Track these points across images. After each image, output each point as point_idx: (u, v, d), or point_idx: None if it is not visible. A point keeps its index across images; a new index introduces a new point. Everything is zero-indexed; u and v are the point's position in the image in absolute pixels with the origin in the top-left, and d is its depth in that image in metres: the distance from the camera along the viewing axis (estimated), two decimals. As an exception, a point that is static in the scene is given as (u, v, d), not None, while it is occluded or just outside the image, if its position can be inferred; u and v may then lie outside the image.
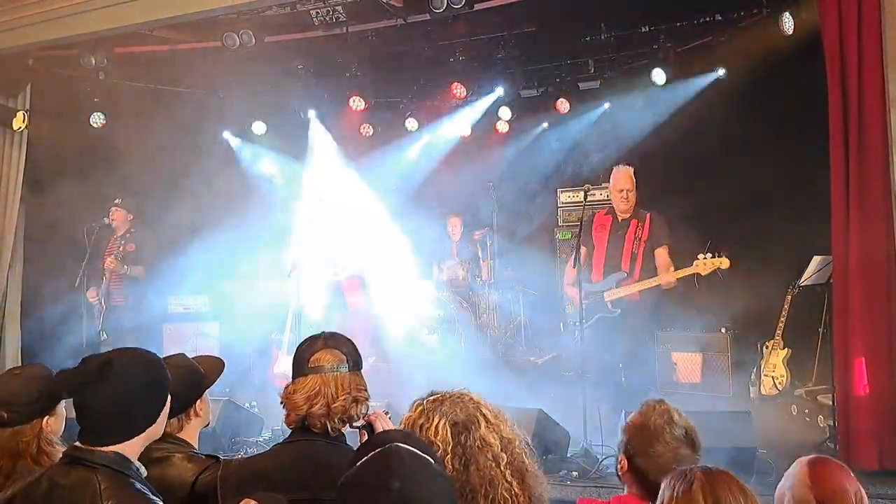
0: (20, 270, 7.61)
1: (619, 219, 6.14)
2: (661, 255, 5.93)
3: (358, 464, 1.50)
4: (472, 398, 2.06)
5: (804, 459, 2.13)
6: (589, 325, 6.13)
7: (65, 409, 2.71)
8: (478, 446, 1.94)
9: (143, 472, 2.14)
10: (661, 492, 1.73)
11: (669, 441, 2.20)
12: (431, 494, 1.43)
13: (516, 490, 1.90)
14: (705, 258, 5.60)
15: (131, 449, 2.10)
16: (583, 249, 6.08)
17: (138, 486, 2.03)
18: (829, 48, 4.81)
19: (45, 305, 7.35)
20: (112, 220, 7.43)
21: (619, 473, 2.40)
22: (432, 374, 6.80)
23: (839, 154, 4.77)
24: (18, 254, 7.54)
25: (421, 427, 2.01)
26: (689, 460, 2.20)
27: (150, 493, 2.06)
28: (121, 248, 7.36)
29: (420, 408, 2.06)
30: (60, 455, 2.46)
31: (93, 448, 2.05)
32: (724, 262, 5.56)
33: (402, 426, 2.06)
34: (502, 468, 1.91)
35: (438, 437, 1.96)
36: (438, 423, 1.98)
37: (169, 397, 2.24)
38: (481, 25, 7.53)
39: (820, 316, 6.30)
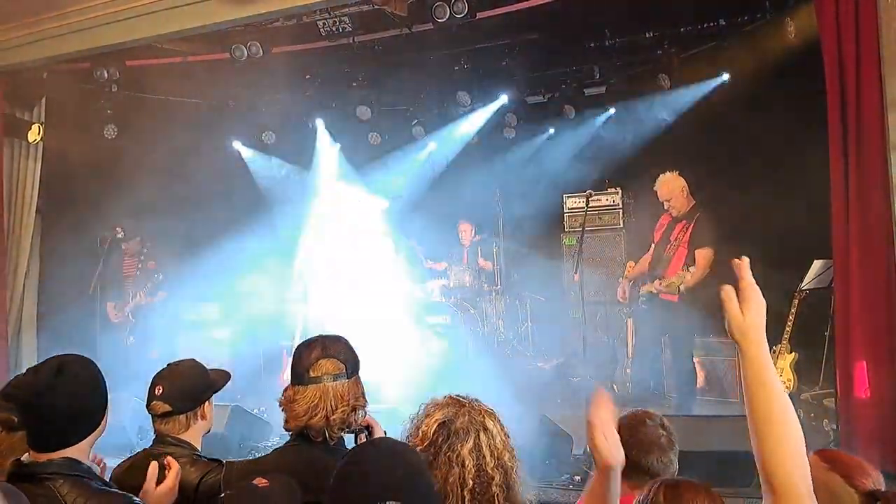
0: (36, 278, 7.78)
1: (674, 216, 6.29)
2: (700, 255, 6.02)
3: None
4: (486, 419, 2.03)
5: (810, 453, 2.22)
6: (627, 311, 6.62)
7: None
8: (448, 457, 1.94)
9: (96, 469, 2.22)
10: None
11: (650, 425, 2.51)
12: (391, 469, 1.61)
13: None
14: (680, 271, 5.74)
15: (81, 451, 2.16)
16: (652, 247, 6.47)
17: (95, 484, 2.09)
18: (828, 53, 4.85)
19: (60, 312, 7.48)
20: (125, 251, 7.68)
21: None
22: (439, 380, 6.85)
23: (838, 157, 4.81)
24: (34, 262, 7.71)
25: (426, 415, 2.05)
26: (666, 443, 2.48)
27: (109, 487, 2.13)
28: (149, 285, 7.66)
29: (436, 401, 2.10)
30: None
31: (41, 458, 2.09)
32: (686, 277, 5.82)
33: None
34: (464, 491, 1.91)
35: (422, 428, 2.01)
36: (432, 418, 2.02)
37: (109, 401, 2.31)
38: (486, 34, 7.59)
39: (827, 320, 6.29)
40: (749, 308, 1.65)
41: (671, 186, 6.22)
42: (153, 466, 2.43)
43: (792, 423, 1.64)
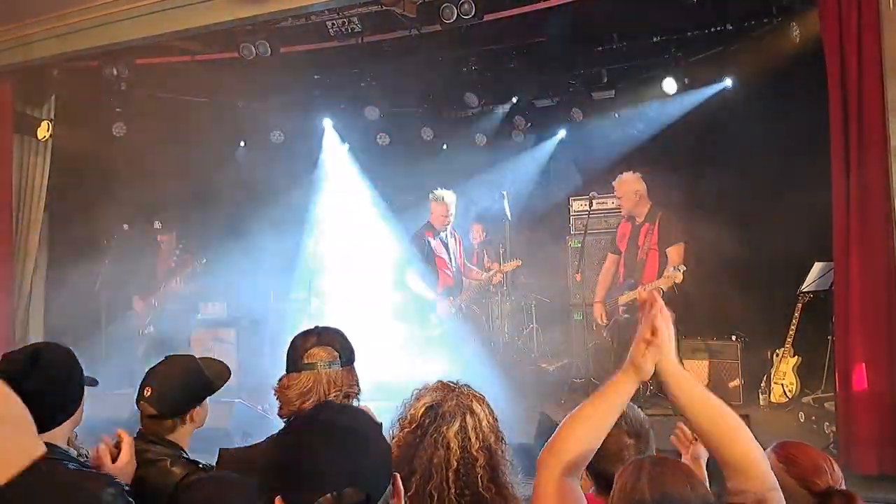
0: (44, 274, 7.85)
1: (636, 223, 6.28)
2: (673, 252, 6.02)
3: None
4: (474, 402, 2.07)
5: (769, 448, 2.23)
6: (605, 325, 6.35)
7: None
8: (434, 439, 1.97)
9: (73, 452, 2.22)
10: (614, 482, 1.80)
11: (615, 433, 2.17)
12: (344, 452, 1.45)
13: (452, 497, 1.93)
14: (669, 272, 5.72)
15: (57, 437, 2.15)
16: (611, 258, 6.33)
17: (73, 465, 2.10)
18: (830, 57, 4.87)
19: (67, 308, 7.54)
20: (162, 243, 7.88)
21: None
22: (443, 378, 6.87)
23: (840, 160, 4.83)
24: (42, 258, 7.79)
25: (416, 398, 2.10)
26: (632, 449, 2.28)
27: (83, 468, 2.12)
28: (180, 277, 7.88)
29: (427, 386, 2.14)
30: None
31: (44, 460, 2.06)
32: (678, 277, 5.64)
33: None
34: (448, 472, 1.94)
35: (410, 411, 2.06)
36: (420, 401, 2.06)
37: (85, 388, 2.30)
38: (494, 36, 7.62)
39: (830, 324, 6.29)
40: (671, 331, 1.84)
41: (626, 189, 6.23)
42: (103, 449, 2.39)
43: (731, 412, 1.80)
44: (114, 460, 2.36)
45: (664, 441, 2.66)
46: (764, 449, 1.86)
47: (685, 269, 5.80)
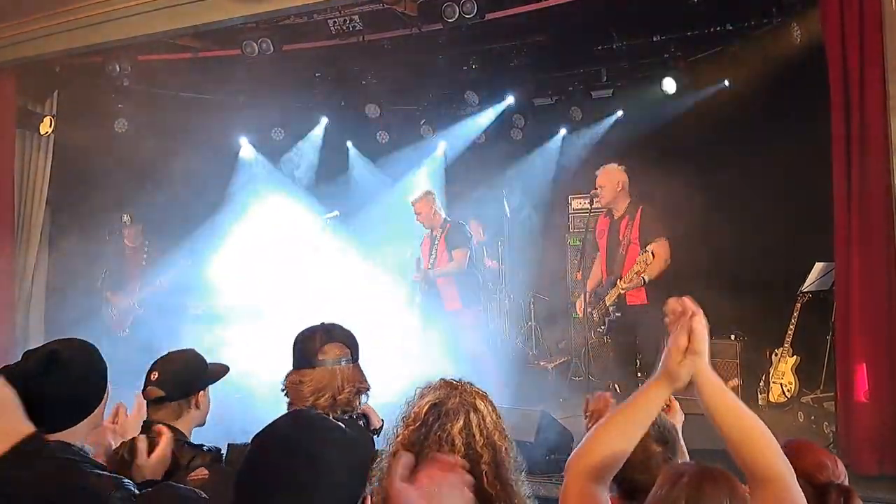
0: (45, 270, 7.85)
1: (615, 217, 6.23)
2: (656, 248, 5.91)
3: None
4: (477, 400, 2.08)
5: None
6: (601, 329, 6.29)
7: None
8: (438, 437, 1.98)
9: (90, 450, 2.18)
10: (653, 488, 1.78)
11: (645, 441, 2.07)
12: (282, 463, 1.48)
13: None
14: (639, 257, 5.63)
15: (74, 435, 2.12)
16: (597, 258, 6.30)
17: (85, 466, 2.04)
18: (832, 58, 4.88)
19: (68, 304, 7.55)
20: (125, 238, 7.73)
21: None
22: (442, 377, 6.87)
23: (841, 161, 4.84)
24: (43, 254, 7.78)
25: (420, 397, 2.11)
26: (659, 457, 2.23)
27: (96, 469, 2.07)
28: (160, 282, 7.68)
29: (430, 384, 2.14)
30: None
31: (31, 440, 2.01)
32: (649, 257, 5.53)
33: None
34: None
35: (414, 409, 2.06)
36: (424, 399, 2.07)
37: (109, 385, 2.27)
38: (494, 35, 7.64)
39: (829, 324, 6.32)
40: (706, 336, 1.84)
41: (609, 178, 6.11)
42: (141, 441, 2.40)
43: (757, 418, 1.79)
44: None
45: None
46: None
47: (654, 249, 5.59)
